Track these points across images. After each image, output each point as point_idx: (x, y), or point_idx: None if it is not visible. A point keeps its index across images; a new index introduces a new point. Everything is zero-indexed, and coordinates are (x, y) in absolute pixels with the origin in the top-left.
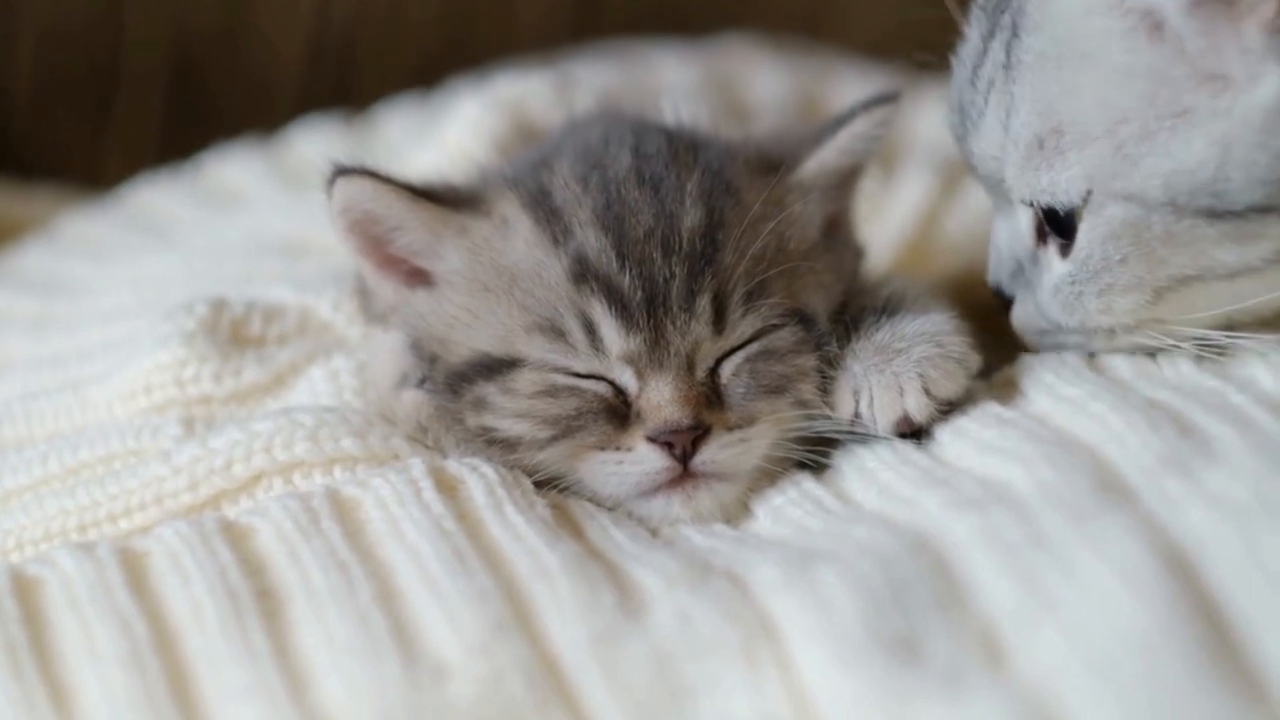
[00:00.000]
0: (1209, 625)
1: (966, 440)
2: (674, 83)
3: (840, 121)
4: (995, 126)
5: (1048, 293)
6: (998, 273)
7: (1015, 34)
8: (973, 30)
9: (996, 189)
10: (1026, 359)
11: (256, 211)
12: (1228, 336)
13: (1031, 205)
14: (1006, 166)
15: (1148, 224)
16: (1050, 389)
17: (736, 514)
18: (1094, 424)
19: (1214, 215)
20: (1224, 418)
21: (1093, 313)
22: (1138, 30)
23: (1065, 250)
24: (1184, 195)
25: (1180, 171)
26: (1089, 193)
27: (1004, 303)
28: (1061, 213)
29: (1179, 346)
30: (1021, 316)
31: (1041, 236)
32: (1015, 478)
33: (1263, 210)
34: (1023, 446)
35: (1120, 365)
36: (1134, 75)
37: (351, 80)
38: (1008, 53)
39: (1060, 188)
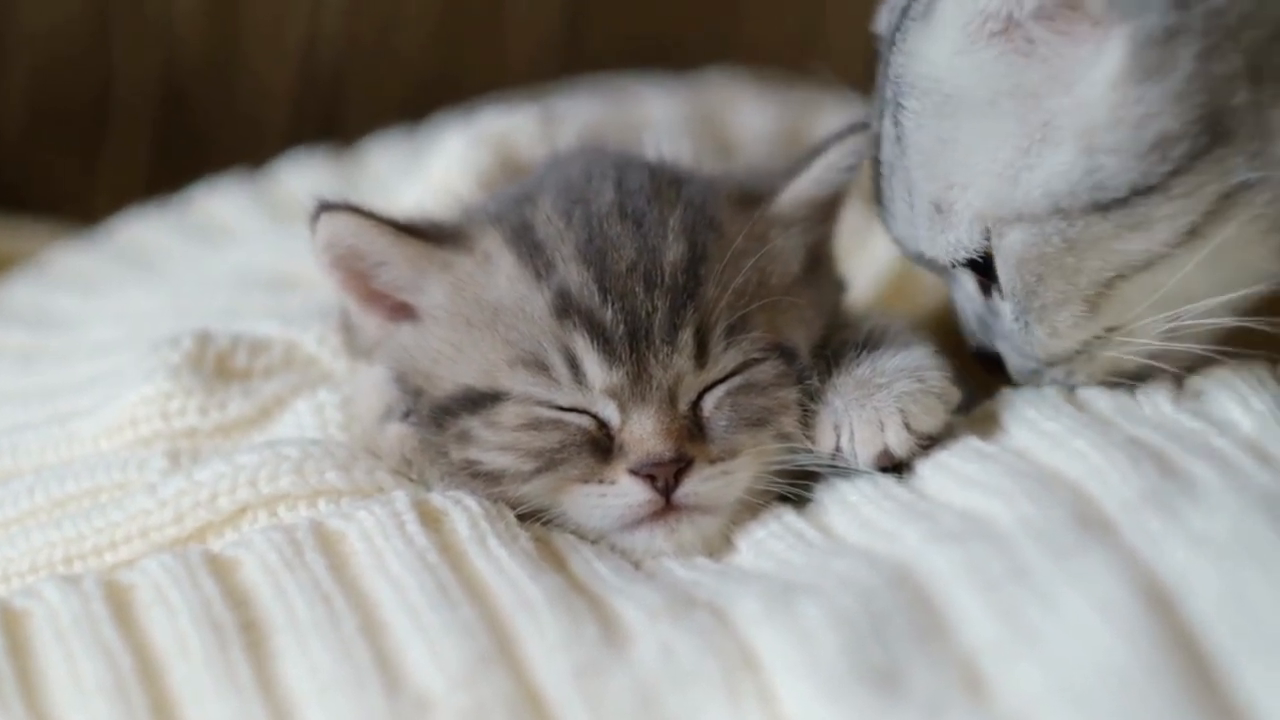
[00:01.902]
0: (1188, 661)
1: (947, 474)
2: (659, 118)
3: (814, 153)
4: (903, 208)
5: (1010, 336)
6: (974, 335)
7: (898, 103)
8: (873, 118)
9: (930, 264)
10: (1007, 393)
11: (244, 245)
12: (1191, 319)
13: (954, 266)
14: (921, 242)
15: (1046, 238)
16: (1031, 424)
17: (719, 546)
18: (1075, 460)
19: (1102, 208)
20: (1206, 459)
21: (1044, 339)
22: (998, 52)
23: (1002, 292)
24: (1066, 198)
25: (1055, 175)
26: (986, 230)
27: (995, 362)
28: (981, 260)
29: (1156, 347)
30: (1013, 366)
31: (985, 289)
32: (996, 512)
33: (1145, 192)
34: (1003, 481)
35: (1101, 401)
36: (999, 100)
37: (340, 113)
38: (896, 125)
39: (963, 239)
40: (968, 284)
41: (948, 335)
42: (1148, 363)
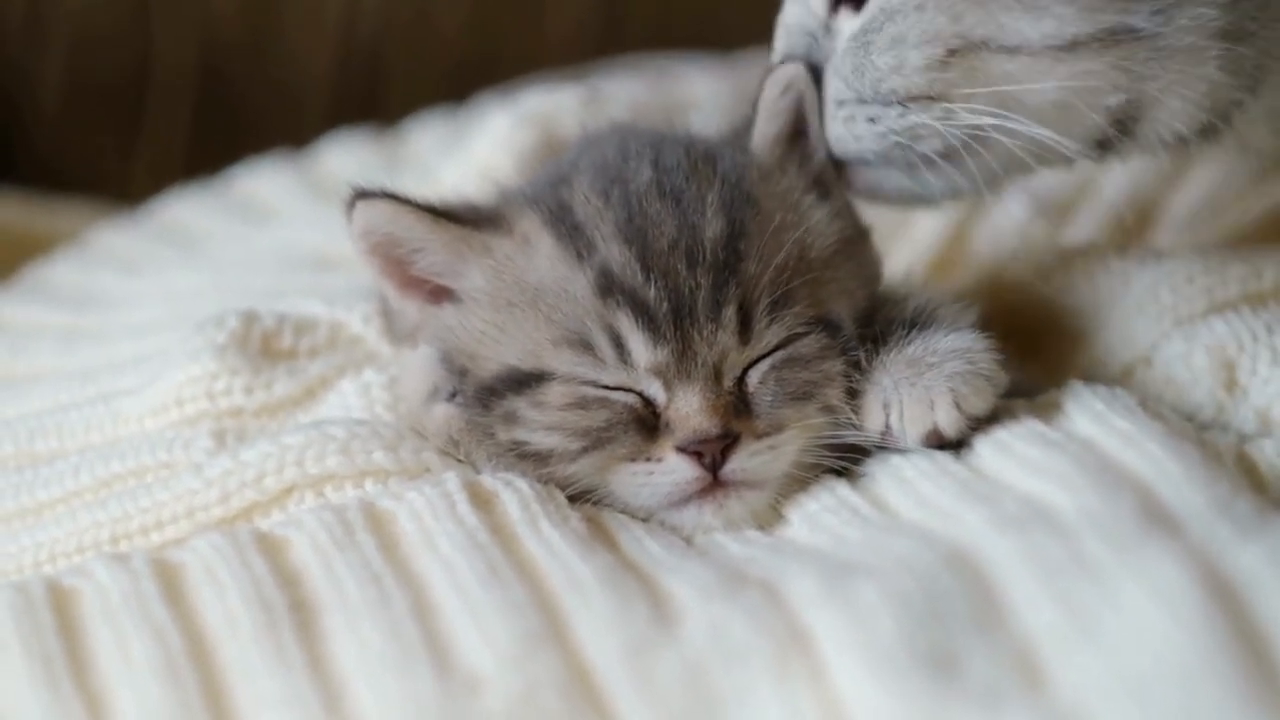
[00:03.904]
0: (1252, 656)
1: (1009, 456)
2: (703, 97)
3: (755, 99)
4: None
5: (840, 58)
6: (790, 49)
7: None
8: None
9: None
10: (1075, 384)
11: (287, 225)
12: (999, 122)
13: None
14: None
15: None
16: (1100, 417)
17: (769, 520)
18: (1147, 462)
19: None
20: None
21: (884, 70)
22: None
23: (857, 6)
24: None
25: None
26: None
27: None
28: None
29: (961, 138)
30: (830, 90)
31: (834, 5)
32: (1059, 501)
33: None
34: (1069, 470)
35: (1172, 417)
36: None
37: (379, 92)
38: None
39: None
40: None
41: (991, 314)
42: (940, 151)
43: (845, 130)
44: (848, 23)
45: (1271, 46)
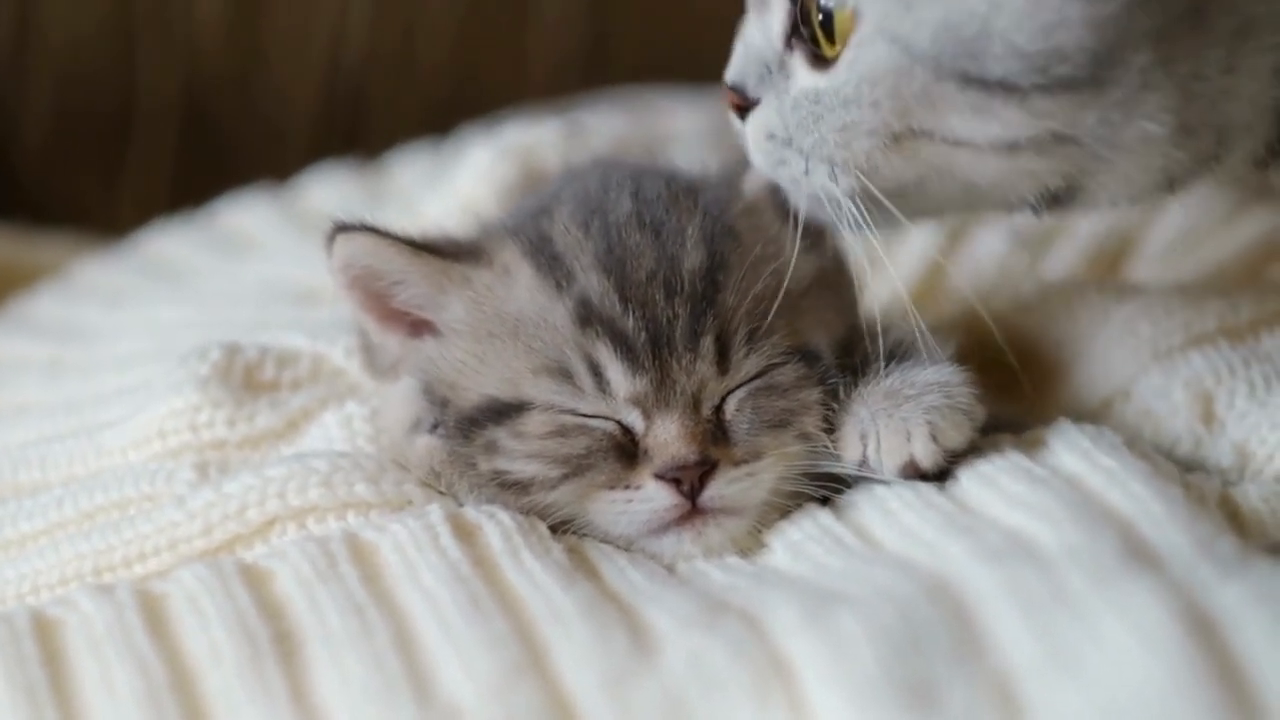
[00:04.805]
0: (1232, 693)
1: (993, 489)
2: (684, 130)
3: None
4: None
5: (790, 102)
6: (743, 73)
7: None
8: None
9: None
10: (1063, 422)
11: (270, 258)
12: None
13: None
14: None
15: (910, 75)
16: (1085, 455)
17: (750, 547)
18: (1130, 500)
19: (966, 81)
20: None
21: (830, 145)
22: None
23: (817, 62)
24: (949, 52)
25: (949, 24)
26: (857, 15)
27: (739, 107)
28: (820, 12)
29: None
30: (758, 121)
31: (789, 43)
32: (1042, 534)
33: (1008, 90)
34: (1053, 506)
35: (1157, 458)
36: None
37: (362, 125)
38: None
39: None
40: (778, 21)
41: (969, 347)
42: (848, 200)
43: (766, 164)
44: (801, 72)
45: (1238, 104)
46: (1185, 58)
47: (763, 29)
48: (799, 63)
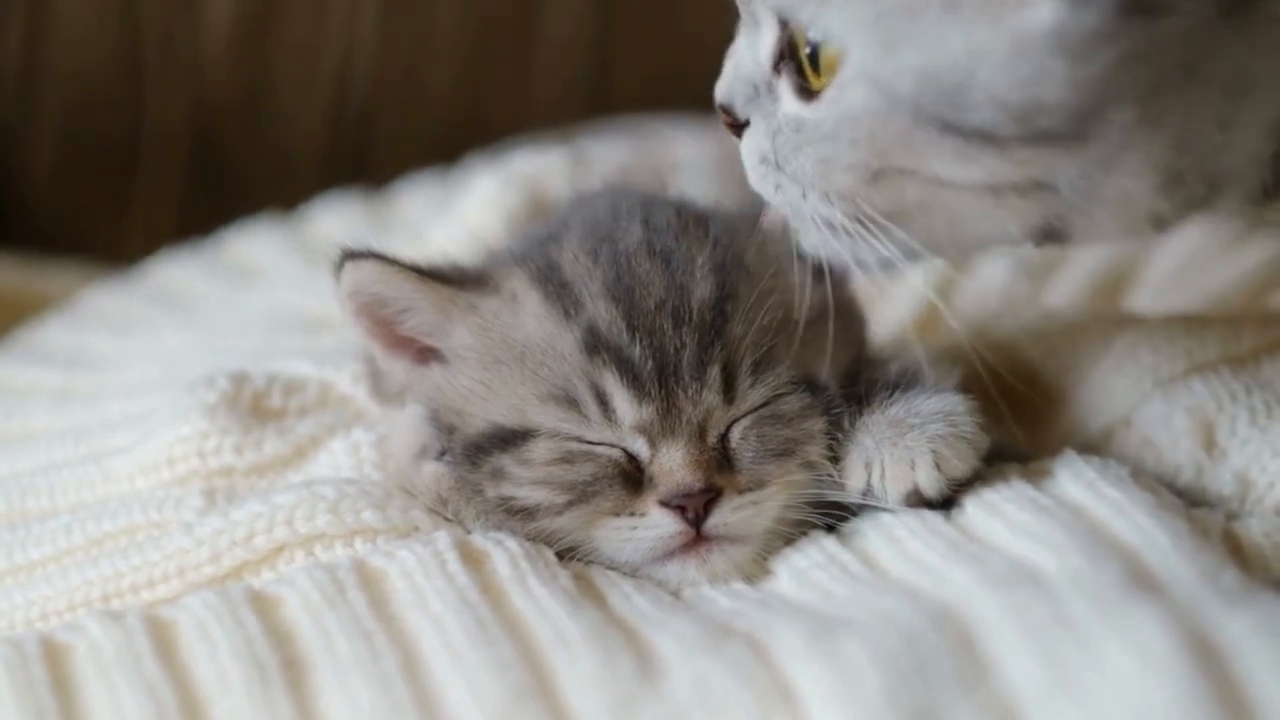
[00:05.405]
0: (1234, 719)
1: (998, 518)
2: (688, 159)
3: None
4: None
5: (775, 126)
6: (730, 92)
7: None
8: None
9: (747, 3)
10: (1069, 454)
11: (277, 287)
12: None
13: (784, 24)
14: None
15: (887, 119)
16: (1091, 485)
17: (755, 573)
18: (1135, 531)
19: (945, 128)
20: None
21: (808, 174)
22: None
23: (802, 93)
24: (929, 99)
25: (930, 70)
26: (843, 53)
27: (733, 127)
28: (808, 45)
29: (856, 226)
30: (750, 145)
31: (777, 67)
32: (1047, 563)
33: (986, 138)
34: (1057, 534)
35: (1162, 491)
36: None
37: (370, 153)
38: None
39: (813, 14)
40: (767, 43)
41: (971, 377)
42: (829, 236)
43: (763, 188)
44: (787, 98)
45: (1234, 155)
46: (1176, 113)
47: (752, 50)
48: (785, 89)
